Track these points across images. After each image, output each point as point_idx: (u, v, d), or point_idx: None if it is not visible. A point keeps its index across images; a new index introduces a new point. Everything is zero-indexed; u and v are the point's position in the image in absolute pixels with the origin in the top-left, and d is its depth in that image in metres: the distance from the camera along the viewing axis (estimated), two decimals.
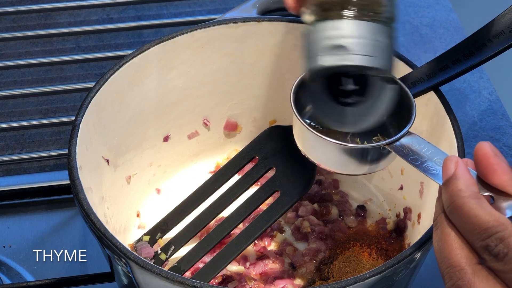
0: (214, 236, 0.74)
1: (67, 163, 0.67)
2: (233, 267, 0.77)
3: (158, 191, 0.84)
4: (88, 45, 1.07)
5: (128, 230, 0.80)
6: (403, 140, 0.62)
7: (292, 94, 0.66)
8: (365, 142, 0.65)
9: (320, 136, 0.63)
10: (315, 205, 0.82)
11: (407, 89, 0.66)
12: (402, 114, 0.65)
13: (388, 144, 0.62)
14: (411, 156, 0.61)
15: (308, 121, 0.67)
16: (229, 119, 0.86)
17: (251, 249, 0.79)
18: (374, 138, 0.65)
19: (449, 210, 0.50)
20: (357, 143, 0.65)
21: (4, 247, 0.84)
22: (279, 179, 0.75)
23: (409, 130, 0.63)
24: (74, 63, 1.02)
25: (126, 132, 0.78)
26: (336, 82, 0.63)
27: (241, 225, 0.76)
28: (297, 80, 0.66)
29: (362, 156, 0.64)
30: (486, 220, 0.48)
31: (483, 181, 0.52)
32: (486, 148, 0.51)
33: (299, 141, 0.66)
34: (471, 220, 0.49)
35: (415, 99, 0.71)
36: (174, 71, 0.79)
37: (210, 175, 0.79)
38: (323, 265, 0.77)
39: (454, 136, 0.69)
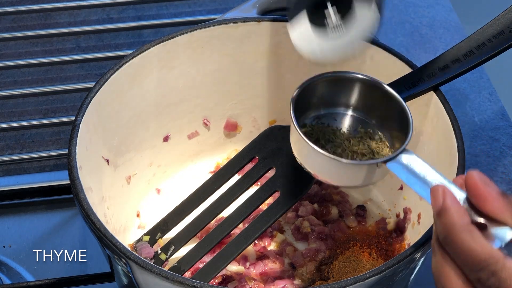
0: (214, 236, 0.74)
1: (67, 163, 0.67)
2: (233, 267, 0.77)
3: (158, 191, 0.84)
4: (88, 45, 1.07)
5: (128, 230, 0.80)
6: (400, 158, 0.62)
7: (292, 103, 0.65)
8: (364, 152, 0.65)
9: (316, 150, 0.63)
10: (315, 205, 0.82)
11: (405, 105, 0.65)
12: (401, 128, 0.65)
13: (384, 161, 0.62)
14: (406, 176, 0.60)
15: (310, 123, 0.67)
16: (229, 119, 0.86)
17: (251, 249, 0.79)
18: (367, 153, 0.65)
19: (443, 242, 0.52)
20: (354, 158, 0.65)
21: (4, 247, 0.84)
22: (279, 179, 0.75)
23: (407, 148, 0.62)
24: (74, 63, 1.02)
25: (126, 132, 0.78)
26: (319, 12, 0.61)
27: (241, 225, 0.76)
28: (297, 90, 0.66)
29: (358, 170, 0.64)
30: (478, 254, 0.50)
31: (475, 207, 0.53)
32: (475, 177, 0.52)
33: (296, 150, 0.66)
34: (464, 253, 0.50)
35: (415, 99, 0.71)
36: (174, 71, 0.79)
37: (210, 175, 0.79)
38: (323, 265, 0.77)
39: (454, 136, 0.69)
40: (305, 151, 0.64)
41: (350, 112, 0.68)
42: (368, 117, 0.68)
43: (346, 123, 0.68)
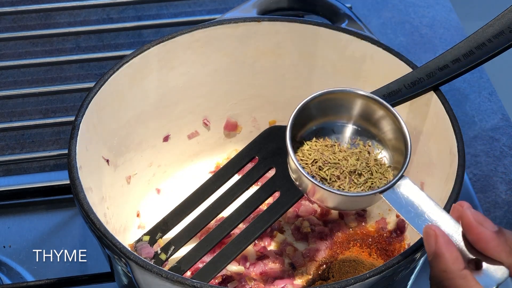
0: (214, 236, 0.74)
1: (67, 163, 0.67)
2: (233, 267, 0.77)
3: (158, 191, 0.84)
4: (88, 45, 1.07)
5: (128, 230, 0.80)
6: (395, 188, 0.61)
7: (288, 130, 0.64)
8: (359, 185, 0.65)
9: (312, 182, 0.63)
10: (315, 205, 0.82)
11: (404, 126, 0.64)
12: (400, 141, 0.65)
13: (380, 192, 0.62)
14: (401, 207, 0.60)
15: (309, 138, 0.67)
16: (229, 119, 0.86)
17: (251, 249, 0.79)
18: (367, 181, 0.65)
19: (438, 286, 0.53)
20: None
21: (4, 247, 0.84)
22: (279, 179, 0.75)
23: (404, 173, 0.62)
24: (74, 63, 1.02)
25: (126, 132, 0.78)
26: None
27: (241, 225, 0.76)
28: (292, 116, 0.65)
29: (352, 200, 0.64)
30: None
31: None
32: (469, 218, 0.53)
33: (292, 173, 0.66)
34: None
35: (415, 99, 0.71)
36: (174, 71, 0.79)
37: (210, 175, 0.79)
38: (323, 265, 0.77)
39: (454, 136, 0.69)
40: (300, 178, 0.64)
41: (349, 124, 0.68)
42: (367, 128, 0.68)
43: (345, 136, 0.68)
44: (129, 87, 0.76)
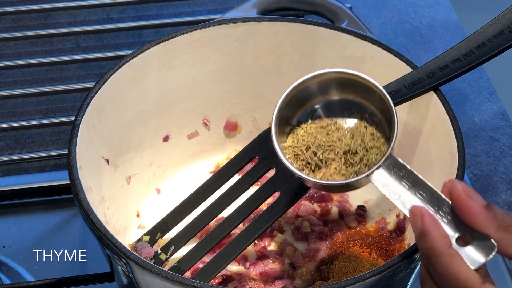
0: (214, 236, 0.74)
1: (67, 163, 0.67)
2: (233, 267, 0.77)
3: (158, 191, 0.84)
4: (88, 45, 1.07)
5: (128, 230, 0.80)
6: (383, 169, 0.61)
7: (274, 124, 0.65)
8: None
9: (299, 174, 0.64)
10: (315, 205, 0.82)
11: (391, 103, 0.63)
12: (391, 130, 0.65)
13: (367, 175, 0.61)
14: (391, 189, 0.60)
15: (305, 119, 0.68)
16: (229, 119, 0.86)
17: (251, 249, 0.79)
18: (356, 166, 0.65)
19: (426, 263, 0.54)
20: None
21: (4, 247, 0.84)
22: (279, 179, 0.75)
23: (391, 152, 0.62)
24: (74, 63, 1.02)
25: (126, 132, 0.78)
26: None
27: (241, 225, 0.76)
28: (277, 108, 0.66)
29: (341, 185, 0.64)
30: (457, 278, 0.52)
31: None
32: (458, 191, 0.53)
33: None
34: (443, 277, 0.53)
35: (415, 99, 0.71)
36: (174, 71, 0.79)
37: (210, 175, 0.79)
38: (323, 265, 0.77)
39: (454, 136, 0.69)
40: (290, 169, 0.65)
41: (342, 101, 0.67)
42: (361, 102, 0.67)
43: (340, 113, 0.68)
44: (129, 87, 0.76)
